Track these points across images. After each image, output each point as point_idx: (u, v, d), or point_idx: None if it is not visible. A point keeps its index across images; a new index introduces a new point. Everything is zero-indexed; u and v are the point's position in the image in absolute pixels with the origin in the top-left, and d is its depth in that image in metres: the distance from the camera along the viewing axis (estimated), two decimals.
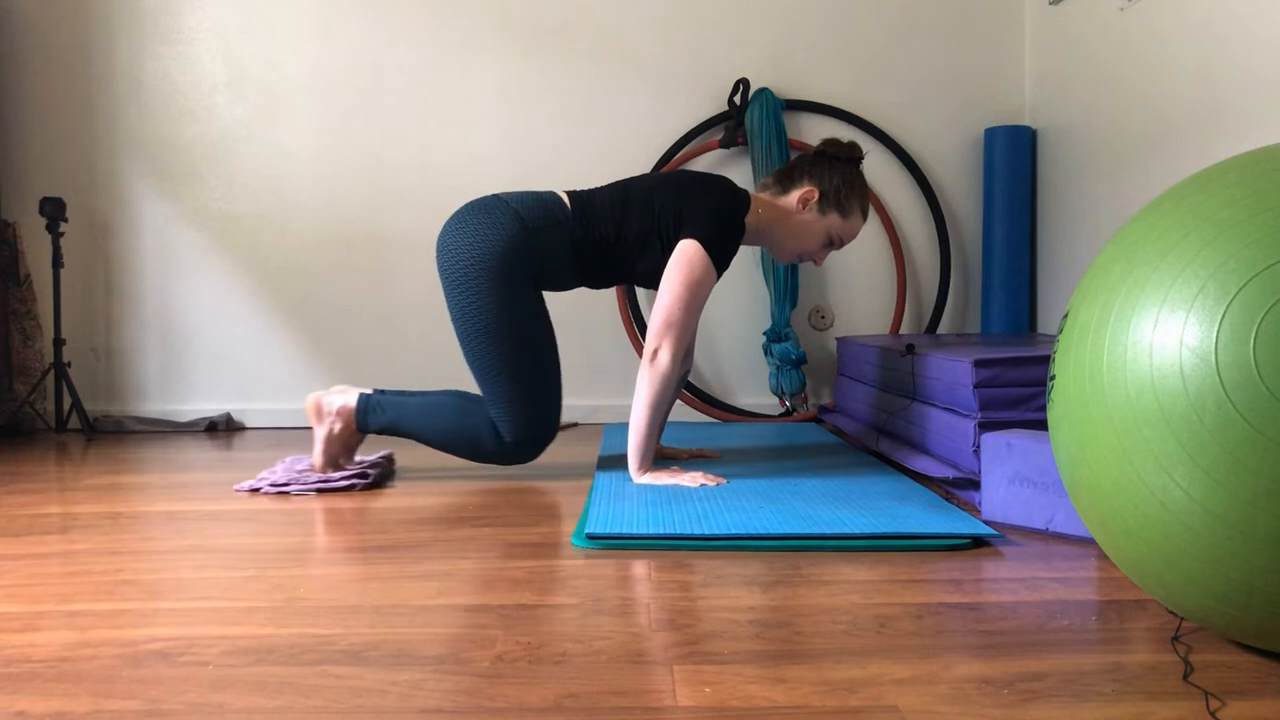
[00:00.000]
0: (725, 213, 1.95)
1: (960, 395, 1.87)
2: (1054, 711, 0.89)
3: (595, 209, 2.00)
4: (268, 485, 1.95)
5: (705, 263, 1.91)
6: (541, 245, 1.97)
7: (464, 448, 2.01)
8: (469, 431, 1.99)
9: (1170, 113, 2.24)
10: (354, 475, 2.00)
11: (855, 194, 2.02)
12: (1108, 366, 0.98)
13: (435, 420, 2.00)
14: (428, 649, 1.06)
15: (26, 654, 1.05)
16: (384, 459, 2.18)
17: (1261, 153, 1.00)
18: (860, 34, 3.05)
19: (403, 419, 2.00)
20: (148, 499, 1.91)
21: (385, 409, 2.01)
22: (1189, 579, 0.95)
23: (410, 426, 2.01)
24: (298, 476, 2.00)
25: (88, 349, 3.03)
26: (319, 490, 1.95)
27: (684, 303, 1.90)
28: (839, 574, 1.34)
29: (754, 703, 0.91)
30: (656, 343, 1.90)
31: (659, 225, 1.96)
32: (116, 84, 3.01)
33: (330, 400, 2.03)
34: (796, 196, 2.01)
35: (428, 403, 2.01)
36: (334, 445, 2.03)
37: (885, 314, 3.10)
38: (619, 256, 2.01)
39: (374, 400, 2.02)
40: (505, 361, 1.94)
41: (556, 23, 3.02)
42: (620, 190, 2.03)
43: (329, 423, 2.02)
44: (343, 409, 2.02)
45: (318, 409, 2.03)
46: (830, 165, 2.02)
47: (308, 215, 3.03)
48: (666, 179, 2.03)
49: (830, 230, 2.02)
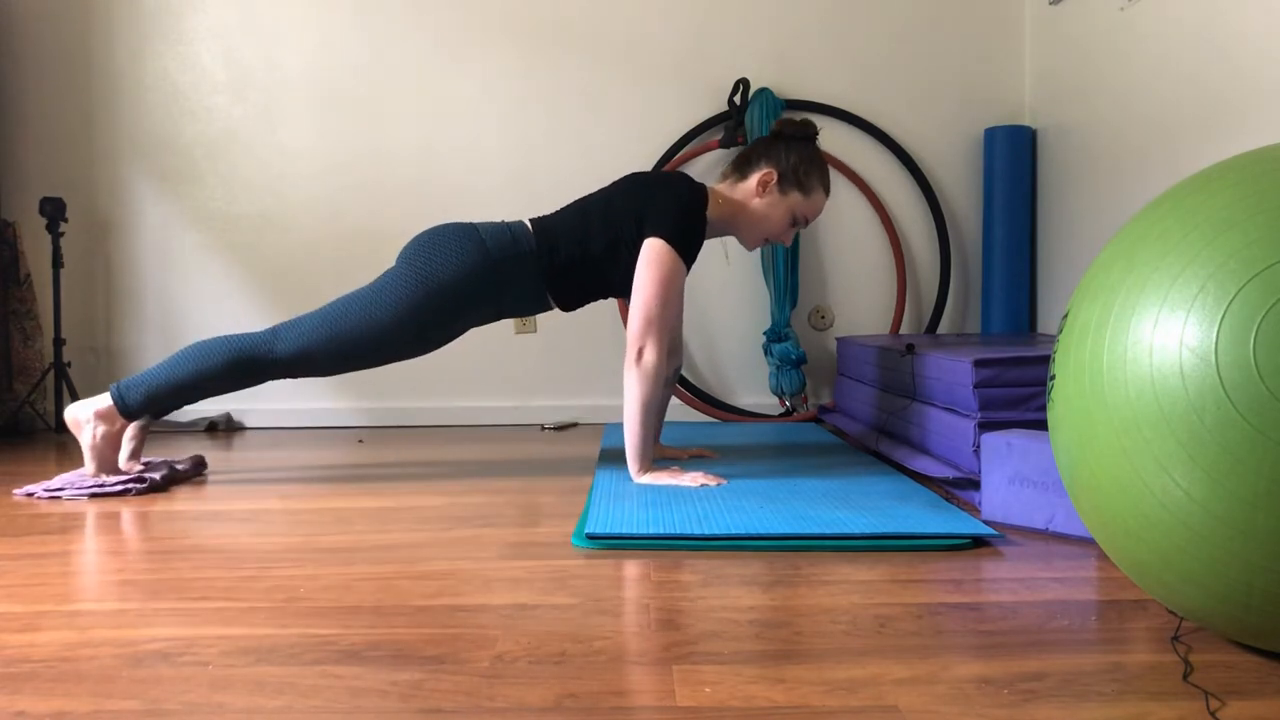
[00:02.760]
0: (684, 206, 1.95)
1: (960, 395, 1.87)
2: (1054, 711, 0.89)
3: (556, 231, 2.01)
4: (42, 490, 1.92)
5: (672, 257, 1.92)
6: (506, 275, 1.98)
7: (230, 373, 1.95)
8: (227, 355, 1.95)
9: (1170, 113, 2.24)
10: (130, 480, 1.97)
11: (814, 170, 2.02)
12: (1108, 366, 0.98)
13: (189, 364, 1.96)
14: (428, 649, 1.06)
15: (26, 654, 1.05)
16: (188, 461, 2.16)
17: (1261, 153, 1.00)
18: (860, 34, 3.05)
19: (158, 380, 1.96)
20: (147, 499, 1.90)
21: (137, 384, 1.97)
22: (1189, 579, 0.95)
23: (169, 382, 1.96)
24: (75, 480, 1.97)
25: (88, 349, 3.03)
26: (92, 495, 1.91)
27: (660, 298, 1.90)
28: (839, 574, 1.34)
29: (754, 703, 0.91)
30: (640, 342, 1.90)
31: (622, 231, 1.97)
32: (116, 84, 3.01)
33: (82, 409, 1.98)
34: (755, 180, 2.01)
35: (173, 357, 1.98)
36: (103, 448, 1.98)
37: (885, 314, 3.10)
38: (590, 272, 2.01)
39: (124, 384, 1.98)
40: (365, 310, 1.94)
41: (557, 22, 3.02)
42: (577, 209, 2.04)
43: (89, 429, 1.98)
44: (98, 411, 1.97)
45: (75, 421, 1.99)
46: (786, 145, 2.02)
47: (308, 215, 3.03)
48: (621, 186, 2.03)
49: (793, 209, 2.02)
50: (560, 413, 3.06)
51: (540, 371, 3.06)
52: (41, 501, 1.88)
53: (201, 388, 1.97)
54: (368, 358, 1.99)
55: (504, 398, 3.07)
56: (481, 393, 3.07)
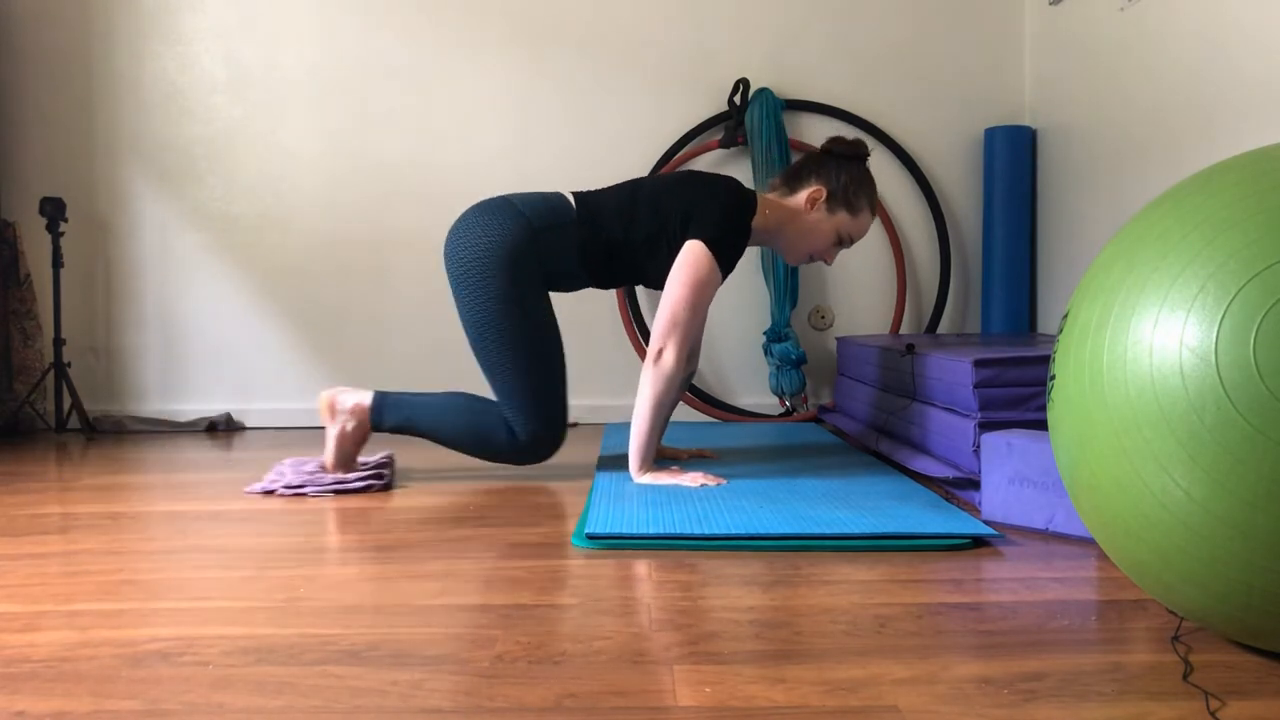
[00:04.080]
0: (732, 215, 1.95)
1: (960, 395, 1.87)
2: (1054, 711, 0.89)
3: (602, 210, 2.00)
4: (282, 487, 1.93)
5: (710, 263, 1.91)
6: (547, 246, 1.97)
7: (478, 446, 2.00)
8: (483, 429, 1.98)
9: (1170, 113, 2.24)
10: (369, 476, 1.99)
11: (863, 191, 2.01)
12: (1108, 366, 0.98)
13: (449, 419, 1.99)
14: (428, 649, 1.06)
15: (26, 654, 1.05)
16: (389, 459, 2.18)
17: (1261, 153, 1.00)
18: (860, 34, 3.05)
19: (417, 417, 2.00)
20: (148, 499, 1.90)
21: (400, 407, 2.00)
22: (1189, 579, 0.95)
23: (425, 425, 2.00)
24: (311, 478, 1.97)
25: (88, 349, 3.03)
26: (336, 491, 1.93)
27: (689, 303, 1.90)
28: (839, 574, 1.34)
29: (754, 703, 0.91)
30: (661, 343, 1.90)
31: (666, 227, 1.96)
32: (116, 84, 3.01)
33: (344, 398, 2.01)
34: (804, 196, 2.01)
35: (440, 402, 2.01)
36: (347, 443, 2.02)
37: (885, 314, 3.10)
38: (627, 258, 2.01)
39: (389, 399, 2.01)
40: (517, 359, 1.94)
41: (557, 22, 3.02)
42: (628, 191, 2.02)
43: (342, 421, 2.01)
44: (356, 407, 2.01)
45: (331, 407, 2.01)
46: (837, 163, 2.02)
47: (308, 215, 3.03)
48: (674, 180, 2.02)
49: (840, 229, 2.02)
50: None
51: None
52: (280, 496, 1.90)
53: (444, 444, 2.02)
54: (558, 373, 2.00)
55: None
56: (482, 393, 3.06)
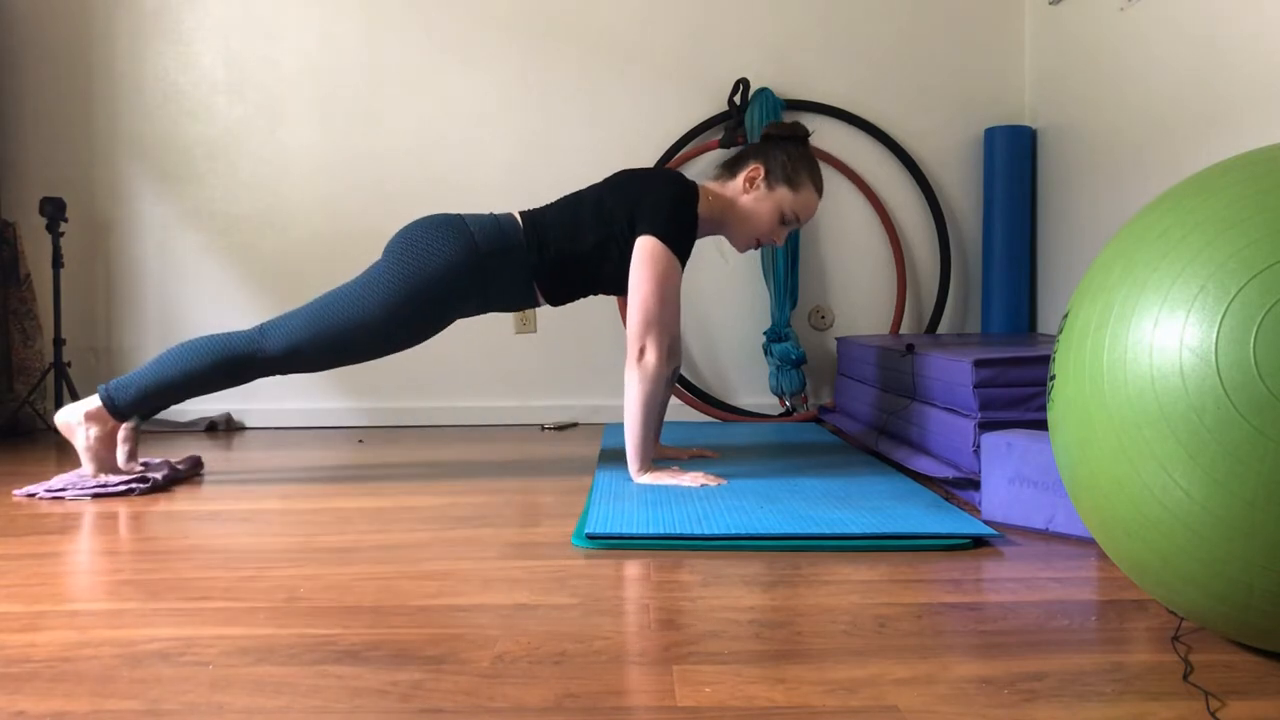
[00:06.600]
0: (677, 205, 1.95)
1: (960, 395, 1.87)
2: (1054, 711, 0.89)
3: (547, 226, 2.00)
4: (43, 490, 1.92)
5: (667, 255, 1.91)
6: (493, 271, 1.98)
7: (218, 372, 1.95)
8: (216, 353, 1.95)
9: (1170, 113, 2.24)
10: (133, 480, 1.97)
11: (803, 166, 2.01)
12: (1108, 366, 0.98)
13: (177, 364, 1.95)
14: (428, 649, 1.06)
15: (26, 654, 1.05)
16: (186, 461, 2.16)
17: (1261, 153, 1.00)
18: (860, 34, 3.05)
19: (147, 380, 1.95)
20: (147, 499, 1.90)
21: (126, 385, 1.96)
22: (1189, 579, 0.95)
23: (158, 381, 1.95)
24: (77, 480, 1.96)
25: (88, 349, 3.03)
26: (95, 495, 1.91)
27: (658, 297, 1.90)
28: (839, 574, 1.34)
29: (754, 703, 0.91)
30: (640, 341, 1.90)
31: (614, 229, 1.97)
32: (116, 84, 3.01)
33: (72, 412, 1.98)
34: (742, 177, 2.02)
35: (161, 357, 1.98)
36: (99, 449, 1.98)
37: (885, 314, 3.10)
38: (579, 268, 2.01)
39: (114, 384, 1.97)
40: (349, 308, 1.94)
41: (556, 22, 3.02)
42: (571, 203, 2.03)
43: (81, 431, 1.97)
44: (88, 412, 1.97)
45: (66, 425, 1.98)
46: (775, 144, 2.03)
47: (308, 215, 3.03)
48: (614, 181, 2.03)
49: (782, 206, 2.01)
50: (560, 413, 3.06)
51: (540, 371, 3.06)
52: (42, 501, 1.88)
53: (191, 387, 1.96)
54: (357, 352, 1.99)
55: (504, 398, 3.07)
56: (481, 393, 3.07)
